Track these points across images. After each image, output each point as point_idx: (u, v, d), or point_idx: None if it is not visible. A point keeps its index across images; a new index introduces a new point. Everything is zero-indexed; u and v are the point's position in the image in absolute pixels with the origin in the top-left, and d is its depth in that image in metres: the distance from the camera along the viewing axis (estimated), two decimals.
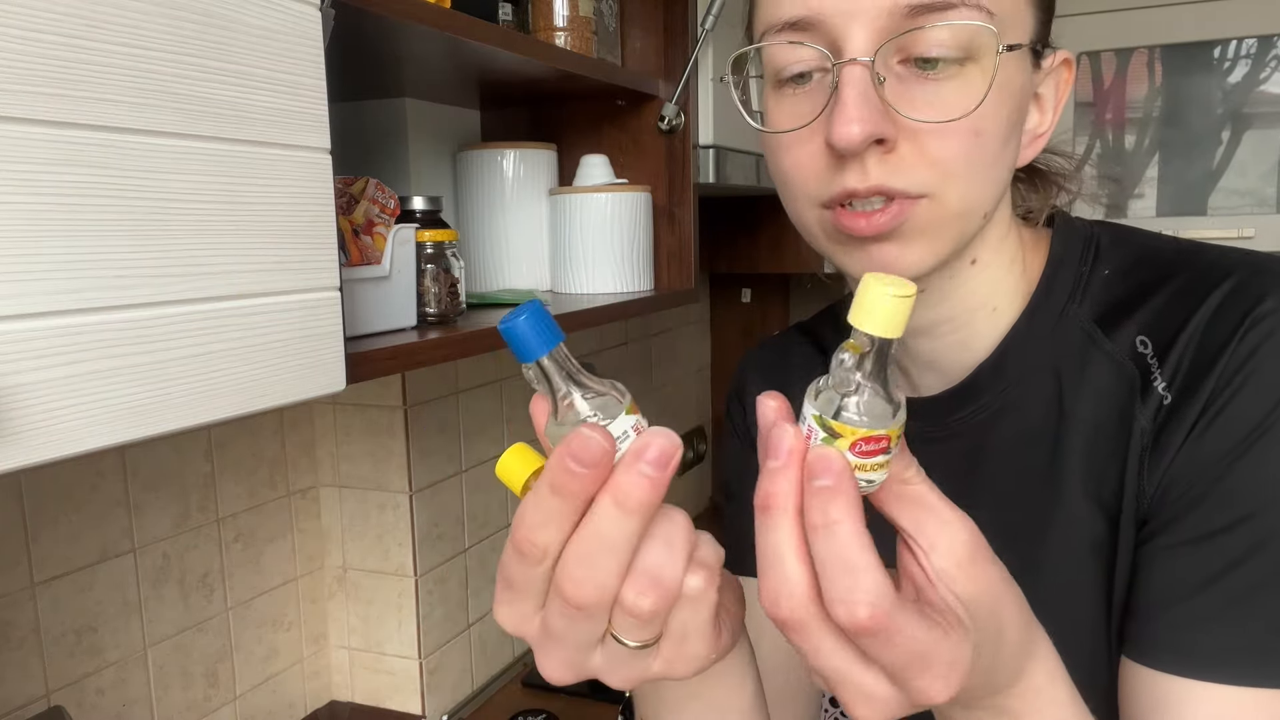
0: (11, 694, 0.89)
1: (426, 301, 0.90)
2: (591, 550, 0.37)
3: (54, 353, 0.46)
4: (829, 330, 0.75)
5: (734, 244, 1.98)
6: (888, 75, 0.51)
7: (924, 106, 0.51)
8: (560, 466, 0.36)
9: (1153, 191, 1.82)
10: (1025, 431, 0.60)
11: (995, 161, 0.53)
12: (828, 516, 0.36)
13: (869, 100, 0.50)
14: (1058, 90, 0.58)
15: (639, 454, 0.36)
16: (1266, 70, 1.71)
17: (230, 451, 1.12)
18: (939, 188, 0.52)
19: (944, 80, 0.51)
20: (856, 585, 0.36)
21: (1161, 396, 0.54)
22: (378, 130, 1.20)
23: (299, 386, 0.62)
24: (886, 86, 0.51)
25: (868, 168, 0.52)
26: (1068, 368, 0.58)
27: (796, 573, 0.38)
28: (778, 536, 0.38)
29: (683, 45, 1.25)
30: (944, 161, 0.51)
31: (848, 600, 0.36)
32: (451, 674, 1.33)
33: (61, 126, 0.46)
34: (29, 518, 0.90)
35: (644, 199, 1.23)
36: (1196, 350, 0.53)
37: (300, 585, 1.24)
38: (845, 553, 0.36)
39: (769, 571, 0.38)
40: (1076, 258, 0.60)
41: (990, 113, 0.51)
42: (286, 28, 0.59)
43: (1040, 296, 0.60)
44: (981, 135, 0.52)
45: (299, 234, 0.61)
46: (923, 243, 0.54)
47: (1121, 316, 0.57)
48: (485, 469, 1.38)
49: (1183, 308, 0.55)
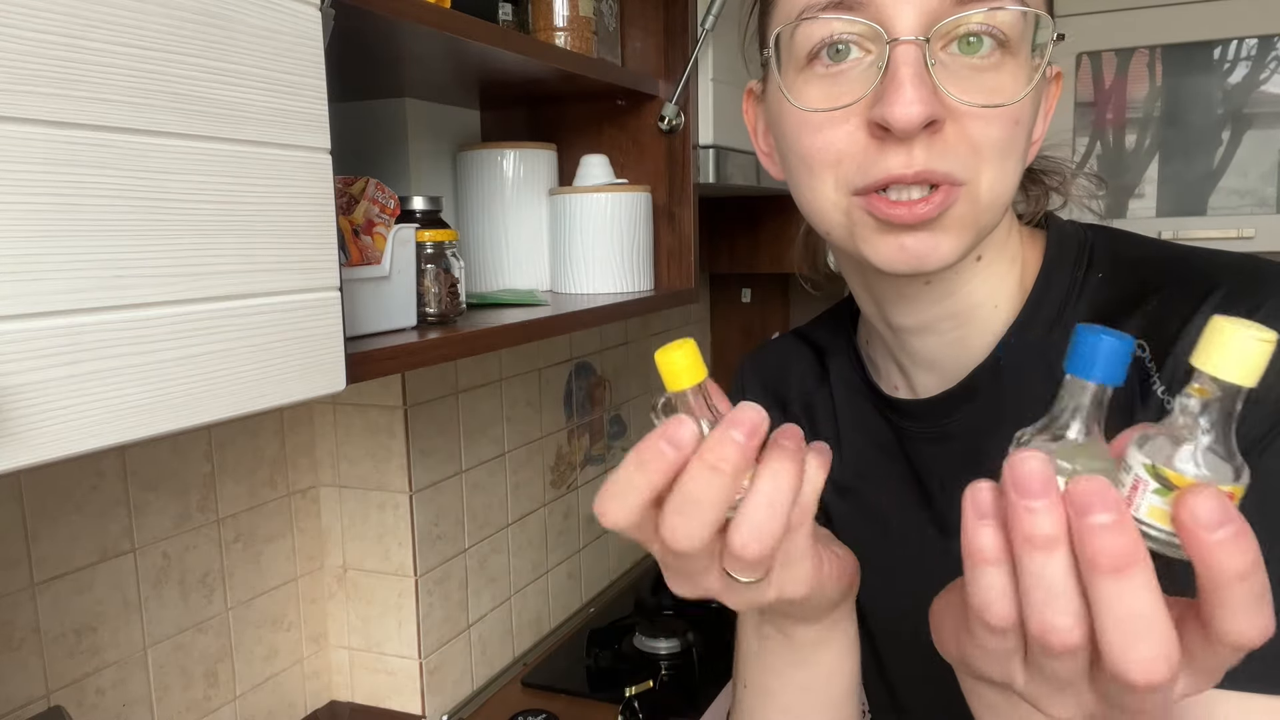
0: (11, 694, 0.89)
1: (426, 301, 0.90)
2: (685, 503, 0.41)
3: (54, 353, 0.46)
4: (827, 334, 0.75)
5: (734, 244, 1.98)
6: (935, 59, 0.51)
7: (974, 91, 0.51)
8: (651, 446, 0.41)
9: (1153, 191, 1.82)
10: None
11: (1023, 154, 0.54)
12: (1117, 563, 0.33)
13: (925, 81, 0.50)
14: (1048, 101, 0.59)
15: (730, 423, 0.40)
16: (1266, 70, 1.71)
17: (230, 451, 1.12)
18: (975, 174, 0.52)
19: (988, 68, 0.51)
20: (1155, 642, 0.33)
21: (1162, 400, 0.53)
22: (378, 130, 1.20)
23: (299, 386, 0.62)
24: (935, 70, 0.51)
25: (914, 152, 0.51)
26: None
27: (1168, 634, 0.34)
28: (1139, 600, 0.33)
29: (683, 45, 1.25)
30: (985, 147, 0.52)
31: (1144, 659, 0.33)
32: (451, 674, 1.33)
33: (61, 126, 0.46)
34: (29, 518, 0.90)
35: (644, 199, 1.23)
36: None
37: (300, 585, 1.24)
38: (1140, 609, 0.33)
39: (1140, 641, 0.34)
40: (1071, 261, 0.60)
41: (1027, 104, 0.52)
42: (286, 28, 0.59)
43: (1036, 298, 0.60)
44: (1019, 125, 0.52)
45: (299, 234, 0.61)
46: (955, 233, 0.53)
47: (1118, 320, 0.57)
48: (485, 469, 1.38)
49: (1177, 313, 0.54)
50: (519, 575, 1.48)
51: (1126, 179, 1.83)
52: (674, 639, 1.43)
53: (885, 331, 0.64)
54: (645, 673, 1.34)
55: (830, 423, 0.71)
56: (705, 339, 2.27)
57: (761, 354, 0.79)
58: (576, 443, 1.63)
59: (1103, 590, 0.33)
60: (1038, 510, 0.34)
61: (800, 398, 0.74)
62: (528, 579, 1.50)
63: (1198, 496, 0.32)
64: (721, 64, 1.30)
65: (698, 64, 1.26)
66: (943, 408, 0.63)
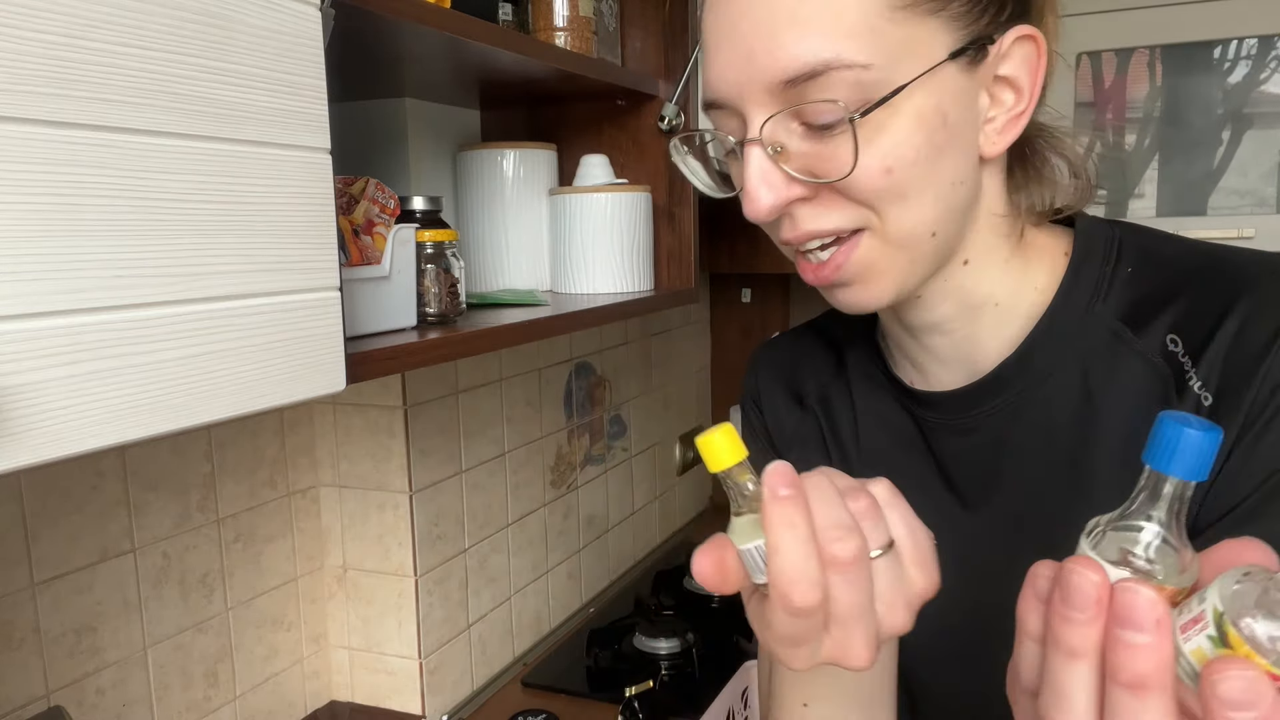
0: (11, 694, 0.89)
1: (426, 301, 0.90)
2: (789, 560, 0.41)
3: (54, 353, 0.46)
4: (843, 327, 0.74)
5: (734, 244, 1.98)
6: (790, 140, 0.53)
7: (827, 164, 0.53)
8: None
9: (1153, 191, 1.82)
10: (1051, 426, 0.60)
11: (927, 183, 0.53)
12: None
13: (769, 173, 0.53)
14: (1028, 63, 0.56)
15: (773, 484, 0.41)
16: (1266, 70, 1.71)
17: (230, 451, 1.12)
18: (871, 219, 0.54)
19: (840, 135, 0.52)
20: None
21: (1199, 396, 0.54)
22: (378, 130, 1.20)
23: (299, 386, 0.62)
24: (792, 152, 0.53)
25: (795, 219, 0.55)
26: (1095, 364, 0.58)
27: None
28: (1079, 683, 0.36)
29: (683, 45, 1.25)
30: (865, 199, 0.53)
31: None
32: (451, 674, 1.33)
33: (61, 126, 0.46)
34: (29, 518, 0.90)
35: (644, 199, 1.23)
36: (1233, 354, 0.53)
37: (300, 585, 1.24)
38: None
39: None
40: (1100, 256, 0.60)
41: (901, 143, 0.52)
42: (286, 28, 0.59)
43: (1064, 293, 0.60)
44: (894, 170, 0.52)
45: (299, 234, 0.61)
46: (877, 279, 0.56)
47: (1149, 315, 0.57)
48: (485, 469, 1.38)
49: (1211, 311, 0.55)
50: (519, 575, 1.48)
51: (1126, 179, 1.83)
52: (674, 639, 1.43)
53: (899, 329, 0.65)
54: (645, 673, 1.34)
55: (848, 412, 0.71)
56: (705, 339, 2.27)
57: (774, 348, 0.80)
58: (576, 443, 1.63)
59: (1114, 697, 0.35)
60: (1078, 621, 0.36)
61: (816, 390, 0.74)
62: (528, 579, 1.50)
63: (1229, 672, 0.32)
64: None
65: (698, 64, 1.26)
66: (968, 400, 0.63)
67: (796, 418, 0.75)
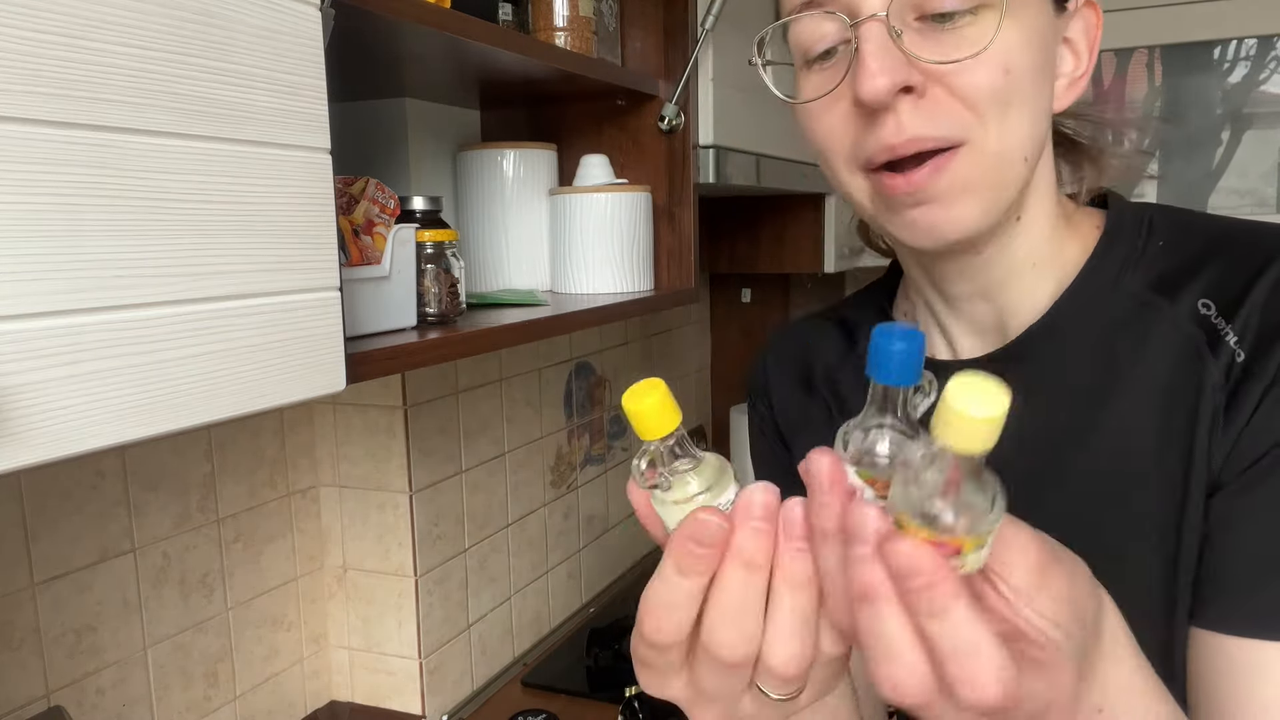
0: (11, 694, 0.89)
1: (426, 301, 0.90)
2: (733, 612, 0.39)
3: (54, 353, 0.46)
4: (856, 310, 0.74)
5: (734, 244, 1.98)
6: (905, 30, 0.52)
7: (947, 48, 0.52)
8: (684, 550, 0.39)
9: (1153, 191, 1.82)
10: (1079, 392, 0.60)
11: (1029, 100, 0.54)
12: (934, 606, 0.35)
13: (889, 52, 0.51)
14: (1088, 32, 0.59)
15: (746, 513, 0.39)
16: (1266, 70, 1.71)
17: (230, 451, 1.12)
18: (975, 130, 0.53)
19: (963, 28, 0.52)
20: (981, 667, 0.35)
21: (1234, 351, 0.54)
22: (378, 130, 1.20)
23: (299, 386, 0.62)
24: (905, 39, 0.52)
25: (901, 120, 0.52)
26: (1124, 332, 0.59)
27: (915, 659, 0.36)
28: (888, 626, 0.36)
29: (683, 45, 1.25)
30: (977, 99, 0.52)
31: (975, 682, 0.35)
32: (451, 674, 1.33)
33: (61, 126, 0.46)
34: (29, 518, 0.90)
35: (644, 199, 1.23)
36: (1266, 311, 0.54)
37: (300, 585, 1.24)
38: (962, 637, 0.35)
39: (887, 662, 0.36)
40: (1132, 231, 0.61)
41: (1016, 49, 0.52)
42: (286, 28, 0.59)
43: (1094, 263, 0.61)
44: (1011, 72, 0.52)
45: (299, 234, 0.61)
46: (967, 199, 0.54)
47: (1180, 283, 0.58)
48: (485, 469, 1.38)
49: (1243, 273, 0.55)
50: (519, 575, 1.48)
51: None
52: None
53: (937, 300, 0.65)
54: None
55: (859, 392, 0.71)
56: (705, 339, 2.27)
57: (783, 336, 0.80)
58: (576, 443, 1.63)
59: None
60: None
61: (824, 374, 0.74)
62: (528, 579, 1.50)
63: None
64: (721, 64, 1.30)
65: (698, 64, 1.26)
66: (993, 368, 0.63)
67: (804, 402, 0.75)
